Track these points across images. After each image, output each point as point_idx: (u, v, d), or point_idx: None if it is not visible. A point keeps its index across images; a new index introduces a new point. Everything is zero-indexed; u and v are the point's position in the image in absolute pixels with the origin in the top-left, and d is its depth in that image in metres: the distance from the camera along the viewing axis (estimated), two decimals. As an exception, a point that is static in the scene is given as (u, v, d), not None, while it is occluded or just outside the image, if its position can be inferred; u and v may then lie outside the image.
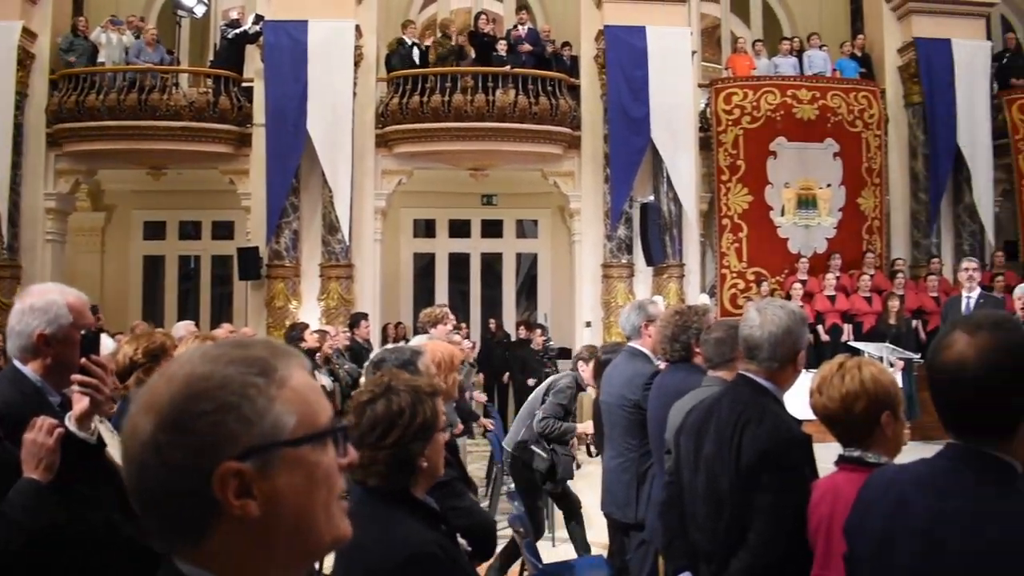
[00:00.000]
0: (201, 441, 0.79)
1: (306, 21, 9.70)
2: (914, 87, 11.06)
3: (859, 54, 11.46)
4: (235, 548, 0.82)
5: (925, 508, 1.38)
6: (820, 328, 9.93)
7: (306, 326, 7.44)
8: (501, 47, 10.54)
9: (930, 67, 10.84)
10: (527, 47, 10.67)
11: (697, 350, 3.21)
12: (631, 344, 3.88)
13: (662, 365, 3.58)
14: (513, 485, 5.75)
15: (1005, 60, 11.47)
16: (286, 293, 9.95)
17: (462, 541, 2.08)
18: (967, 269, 7.98)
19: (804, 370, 2.35)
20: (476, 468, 8.50)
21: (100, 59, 10.32)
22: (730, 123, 10.58)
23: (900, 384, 7.53)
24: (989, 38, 11.53)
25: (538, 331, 10.26)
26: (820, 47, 11.50)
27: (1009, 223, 11.39)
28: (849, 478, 1.87)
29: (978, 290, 7.91)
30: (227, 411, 0.80)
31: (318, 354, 6.72)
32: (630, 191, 10.33)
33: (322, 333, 7.21)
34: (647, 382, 3.48)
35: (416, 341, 4.77)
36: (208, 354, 0.85)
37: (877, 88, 11.11)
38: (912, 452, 1.66)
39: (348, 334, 8.33)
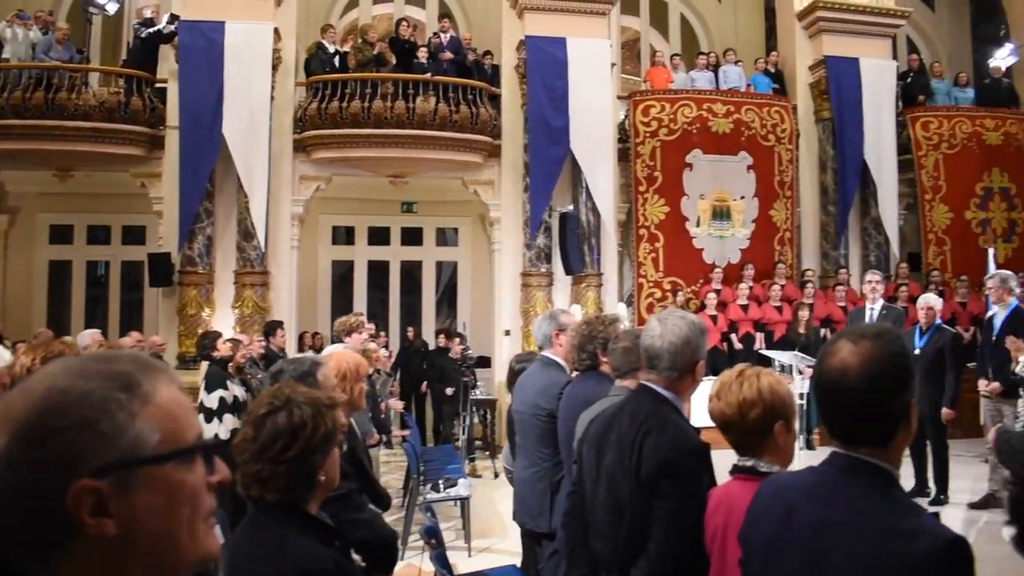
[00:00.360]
0: (57, 456, 0.77)
1: (223, 22, 9.65)
2: (824, 103, 11.57)
3: (772, 70, 11.94)
4: (91, 567, 0.80)
5: (810, 516, 1.44)
6: (734, 337, 10.28)
7: (219, 335, 7.37)
8: (422, 54, 10.67)
9: (839, 84, 11.36)
10: (448, 55, 10.82)
11: (604, 359, 3.27)
12: (544, 353, 3.98)
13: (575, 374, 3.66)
14: (430, 495, 5.86)
15: (909, 79, 12.12)
16: (199, 300, 9.84)
17: (356, 556, 2.11)
18: (870, 282, 8.34)
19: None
20: (394, 479, 8.55)
21: (4, 55, 10.03)
22: (648, 135, 10.89)
23: (807, 391, 7.89)
24: (895, 58, 12.11)
25: (456, 340, 10.35)
26: (735, 62, 11.95)
27: (913, 235, 12.00)
28: (743, 486, 1.92)
29: (881, 301, 8.27)
30: (84, 427, 0.78)
31: (231, 363, 6.64)
32: (549, 200, 10.53)
33: (235, 342, 7.12)
34: (562, 391, 3.55)
35: (329, 350, 4.81)
36: (70, 367, 0.84)
37: (789, 104, 11.60)
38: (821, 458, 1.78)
39: (263, 343, 8.26)
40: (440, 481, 6.34)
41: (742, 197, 11.13)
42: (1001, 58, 12.62)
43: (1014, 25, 13.22)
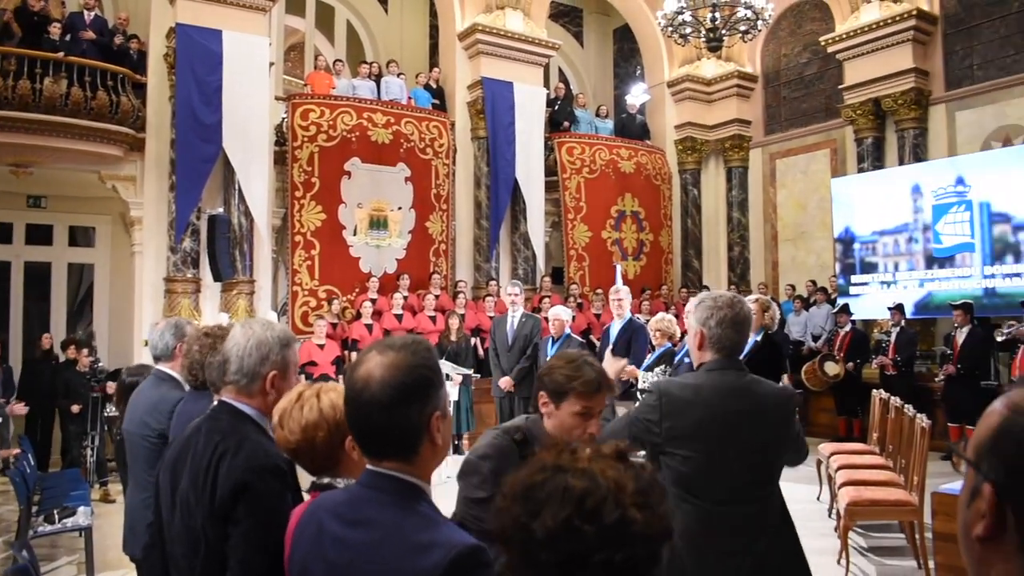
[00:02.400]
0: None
1: None
2: (480, 122, 12.94)
3: (434, 86, 13.11)
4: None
5: (334, 537, 1.52)
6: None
7: None
8: (54, 30, 10.20)
9: (494, 105, 12.81)
10: (90, 34, 10.50)
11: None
12: (160, 367, 3.88)
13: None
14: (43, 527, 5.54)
15: (557, 106, 13.85)
16: None
17: None
18: (511, 293, 9.33)
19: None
20: (9, 511, 7.93)
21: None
22: (306, 139, 11.45)
23: (457, 397, 8.75)
24: (546, 86, 13.77)
25: (85, 351, 9.88)
26: (398, 74, 12.99)
27: (557, 251, 13.73)
28: None
29: (521, 309, 9.34)
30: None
31: None
32: (198, 201, 10.72)
33: None
34: (174, 408, 3.44)
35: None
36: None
37: (448, 120, 12.86)
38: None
39: None
40: (56, 511, 6.06)
41: (399, 208, 12.10)
42: (635, 96, 14.85)
43: (648, 68, 15.65)
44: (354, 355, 10.87)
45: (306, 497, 2.07)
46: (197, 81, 10.69)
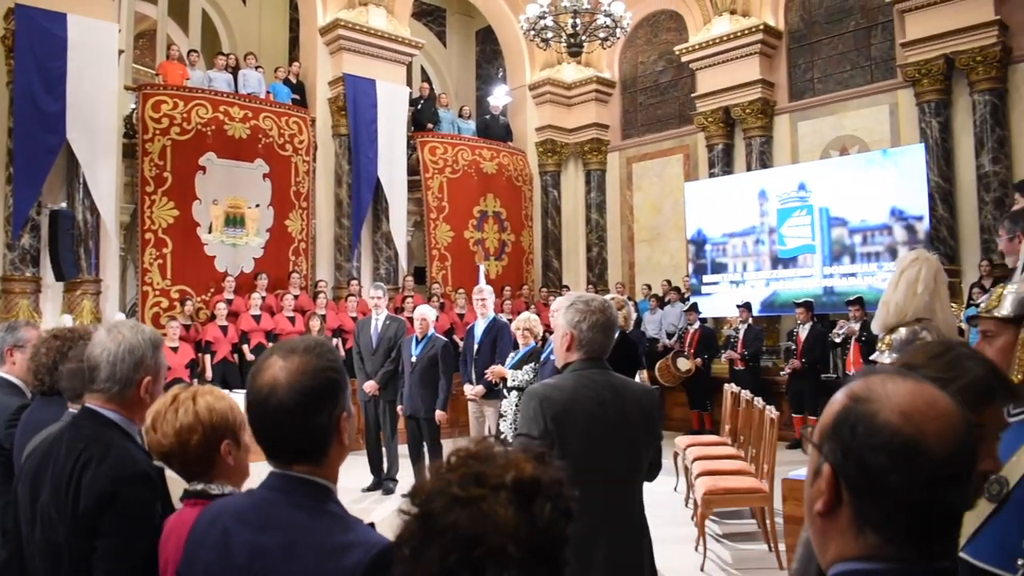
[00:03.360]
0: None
1: None
2: (342, 119, 12.82)
3: (294, 80, 12.90)
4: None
5: (244, 543, 1.49)
6: (246, 348, 10.70)
7: None
8: None
9: (356, 103, 12.70)
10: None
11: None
12: None
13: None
14: None
15: (420, 106, 13.91)
16: None
17: None
18: (373, 296, 9.18)
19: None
20: None
21: None
22: (158, 132, 11.10)
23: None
24: (409, 84, 13.74)
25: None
26: (256, 67, 12.68)
27: (420, 251, 13.78)
28: (195, 512, 1.87)
29: (385, 312, 9.18)
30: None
31: None
32: (38, 195, 10.24)
33: None
34: (13, 417, 3.29)
35: None
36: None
37: (308, 116, 12.66)
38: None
39: None
40: None
41: (257, 205, 11.85)
42: (498, 97, 15.03)
43: (510, 70, 15.89)
44: (207, 358, 10.57)
45: (179, 506, 2.02)
46: (38, 67, 10.14)
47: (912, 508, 1.00)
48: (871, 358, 3.09)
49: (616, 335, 2.90)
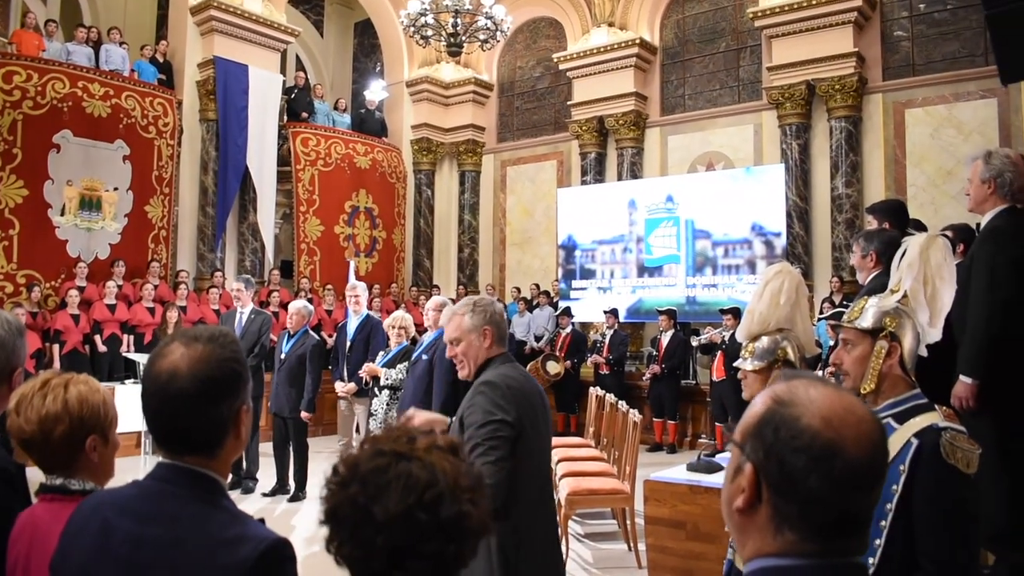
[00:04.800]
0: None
1: None
2: (210, 103, 12.41)
3: (161, 60, 12.48)
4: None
5: (126, 535, 1.43)
6: (98, 338, 10.22)
7: None
8: None
9: (227, 87, 12.34)
10: None
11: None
12: None
13: None
14: None
15: (294, 95, 13.58)
16: None
17: None
18: (235, 290, 8.89)
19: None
20: None
21: None
22: (8, 105, 10.61)
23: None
24: (283, 73, 13.38)
25: None
26: (120, 43, 12.18)
27: (287, 244, 13.47)
28: (51, 508, 1.82)
29: (251, 306, 8.86)
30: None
31: None
32: None
33: None
34: None
35: None
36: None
37: (174, 98, 12.19)
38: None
39: None
40: None
41: (116, 188, 11.37)
42: (374, 92, 14.88)
43: (388, 65, 15.76)
44: (56, 348, 9.98)
45: (35, 500, 1.92)
46: None
47: (828, 508, 1.07)
48: (735, 364, 3.23)
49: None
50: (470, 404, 2.74)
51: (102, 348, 10.42)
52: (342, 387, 7.61)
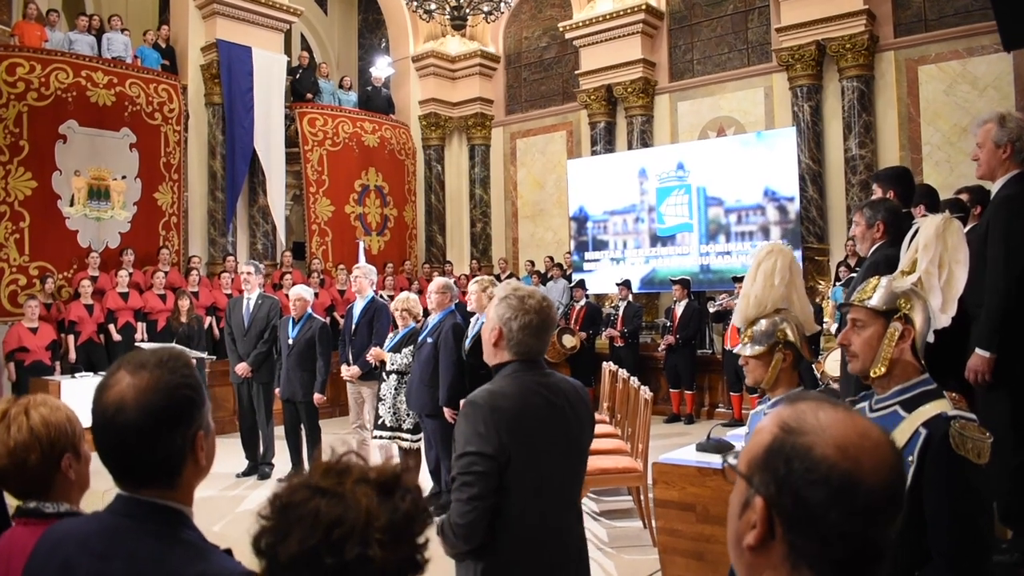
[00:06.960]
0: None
1: None
2: (215, 87, 12.36)
3: (163, 45, 12.38)
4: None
5: (88, 570, 1.38)
6: (112, 327, 10.24)
7: None
8: None
9: (231, 70, 12.27)
10: None
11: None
12: None
13: None
14: None
15: (299, 75, 13.52)
16: None
17: None
18: (245, 273, 8.82)
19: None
20: None
21: None
22: (13, 97, 10.58)
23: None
24: (288, 53, 13.29)
25: None
26: (122, 30, 12.14)
27: (299, 225, 13.45)
28: (28, 532, 1.75)
29: (259, 291, 8.81)
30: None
31: None
32: None
33: None
34: None
35: None
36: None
37: (179, 83, 12.13)
38: None
39: None
40: None
41: (124, 177, 11.35)
42: (380, 69, 14.74)
43: (393, 41, 15.60)
44: (71, 339, 10.02)
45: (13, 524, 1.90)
46: None
47: (849, 542, 0.99)
48: (734, 351, 3.14)
49: (551, 337, 2.60)
50: (456, 423, 2.42)
51: (117, 337, 10.43)
52: (347, 371, 7.57)
